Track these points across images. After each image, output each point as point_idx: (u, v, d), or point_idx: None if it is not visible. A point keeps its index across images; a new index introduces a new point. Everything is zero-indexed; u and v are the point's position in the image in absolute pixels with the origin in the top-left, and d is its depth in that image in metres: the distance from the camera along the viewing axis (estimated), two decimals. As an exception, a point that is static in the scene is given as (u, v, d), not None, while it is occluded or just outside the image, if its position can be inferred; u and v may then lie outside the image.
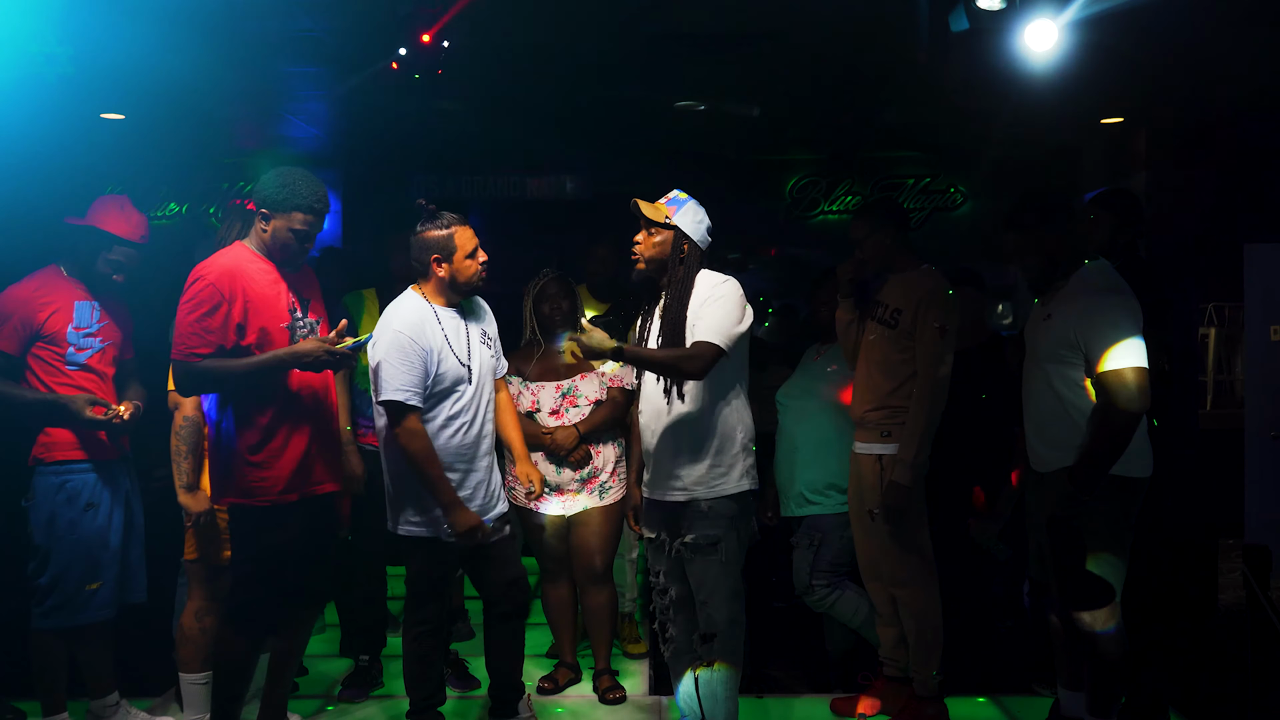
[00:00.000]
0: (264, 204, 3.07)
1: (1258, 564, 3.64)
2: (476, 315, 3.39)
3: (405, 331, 3.14)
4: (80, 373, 3.44)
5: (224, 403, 3.07)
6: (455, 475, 3.21)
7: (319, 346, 2.99)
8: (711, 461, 3.05)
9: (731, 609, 3.07)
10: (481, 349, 3.33)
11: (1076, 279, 3.13)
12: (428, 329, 3.19)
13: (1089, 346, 2.99)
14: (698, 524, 3.05)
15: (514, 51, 4.46)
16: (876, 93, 5.12)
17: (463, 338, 3.28)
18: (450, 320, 3.27)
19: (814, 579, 3.85)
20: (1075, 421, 3.06)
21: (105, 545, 3.45)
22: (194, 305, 2.96)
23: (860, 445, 3.62)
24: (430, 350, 3.16)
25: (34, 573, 3.40)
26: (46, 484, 3.40)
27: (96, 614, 3.44)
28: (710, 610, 3.07)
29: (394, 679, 4.18)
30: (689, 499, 3.07)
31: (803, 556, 3.88)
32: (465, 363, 3.25)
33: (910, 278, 3.57)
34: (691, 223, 3.12)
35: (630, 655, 4.44)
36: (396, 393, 3.10)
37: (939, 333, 3.43)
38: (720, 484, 3.05)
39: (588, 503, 3.94)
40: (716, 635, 3.06)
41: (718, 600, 3.06)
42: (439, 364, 3.18)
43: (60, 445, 3.40)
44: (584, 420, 3.88)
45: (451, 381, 3.21)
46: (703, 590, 3.08)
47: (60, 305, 3.42)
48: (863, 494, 3.60)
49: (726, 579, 3.06)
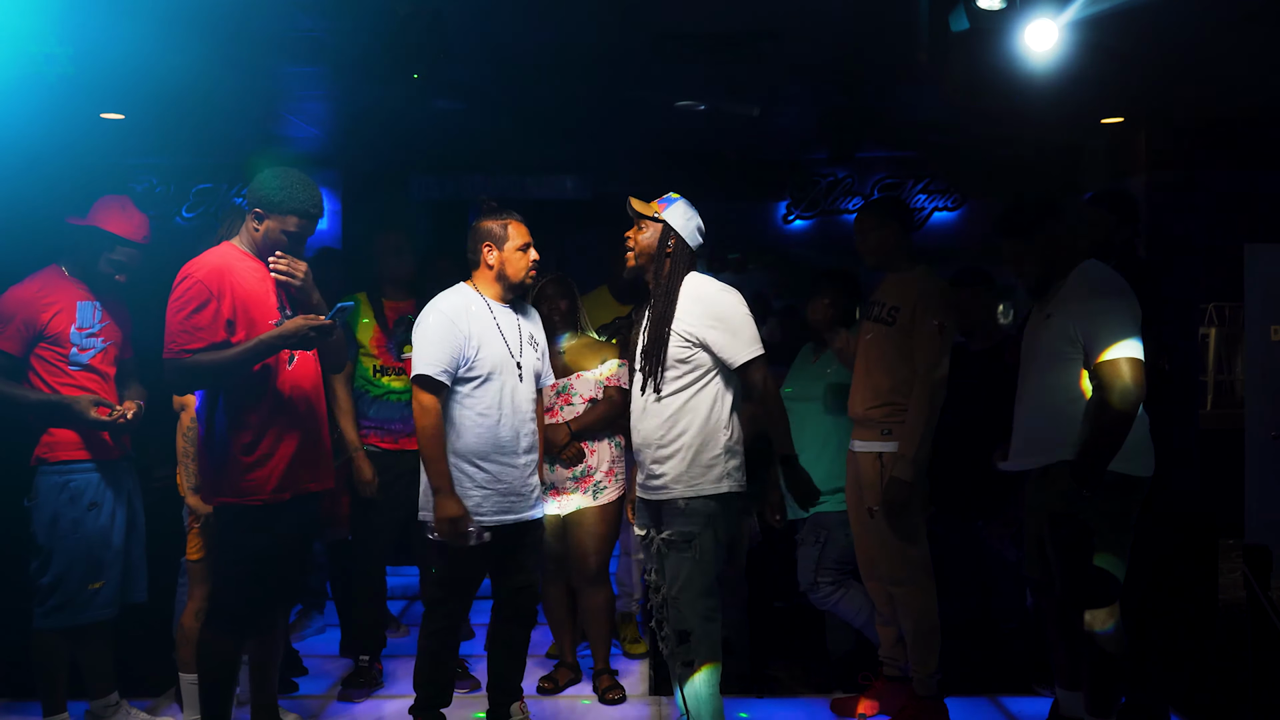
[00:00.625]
0: (259, 203, 3.06)
1: (1258, 564, 3.64)
2: (529, 317, 3.45)
3: (446, 312, 3.24)
4: (83, 373, 3.44)
5: (215, 402, 3.07)
6: (491, 467, 3.24)
7: (303, 323, 2.99)
8: (691, 459, 3.06)
9: (703, 606, 3.07)
10: (529, 350, 3.37)
11: (1075, 278, 3.15)
12: (472, 315, 3.25)
13: (1089, 341, 3.02)
14: (675, 520, 3.08)
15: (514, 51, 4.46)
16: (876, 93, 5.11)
17: (516, 333, 3.34)
18: (504, 314, 3.35)
19: (819, 576, 3.86)
20: (1074, 417, 3.08)
21: (108, 545, 3.45)
22: (183, 303, 2.96)
23: (859, 444, 3.62)
24: (469, 336, 3.21)
25: (36, 572, 3.41)
26: (49, 483, 3.40)
27: (98, 613, 3.44)
28: (681, 606, 3.07)
29: (394, 679, 4.18)
30: (668, 496, 3.09)
31: (808, 554, 3.89)
32: (515, 357, 3.30)
33: (907, 277, 3.60)
34: (680, 219, 3.16)
35: (630, 655, 4.44)
36: (425, 366, 3.18)
37: (938, 330, 3.46)
38: (699, 483, 3.06)
39: (581, 502, 3.93)
40: (691, 633, 3.06)
41: (688, 597, 3.06)
42: (478, 350, 3.22)
43: (63, 445, 3.41)
44: (576, 418, 3.88)
45: (492, 370, 3.24)
46: (674, 586, 3.09)
47: (63, 306, 3.42)
48: (862, 492, 3.61)
49: (699, 577, 3.07)
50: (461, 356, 3.20)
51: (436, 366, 3.17)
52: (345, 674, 4.15)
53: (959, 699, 3.78)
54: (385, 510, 4.01)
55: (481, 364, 3.23)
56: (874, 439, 3.56)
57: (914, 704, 3.61)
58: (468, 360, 3.21)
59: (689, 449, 3.07)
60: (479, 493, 3.25)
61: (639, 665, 4.34)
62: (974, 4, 3.34)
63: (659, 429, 3.10)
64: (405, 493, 3.80)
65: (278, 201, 3.05)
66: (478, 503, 3.25)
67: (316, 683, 4.17)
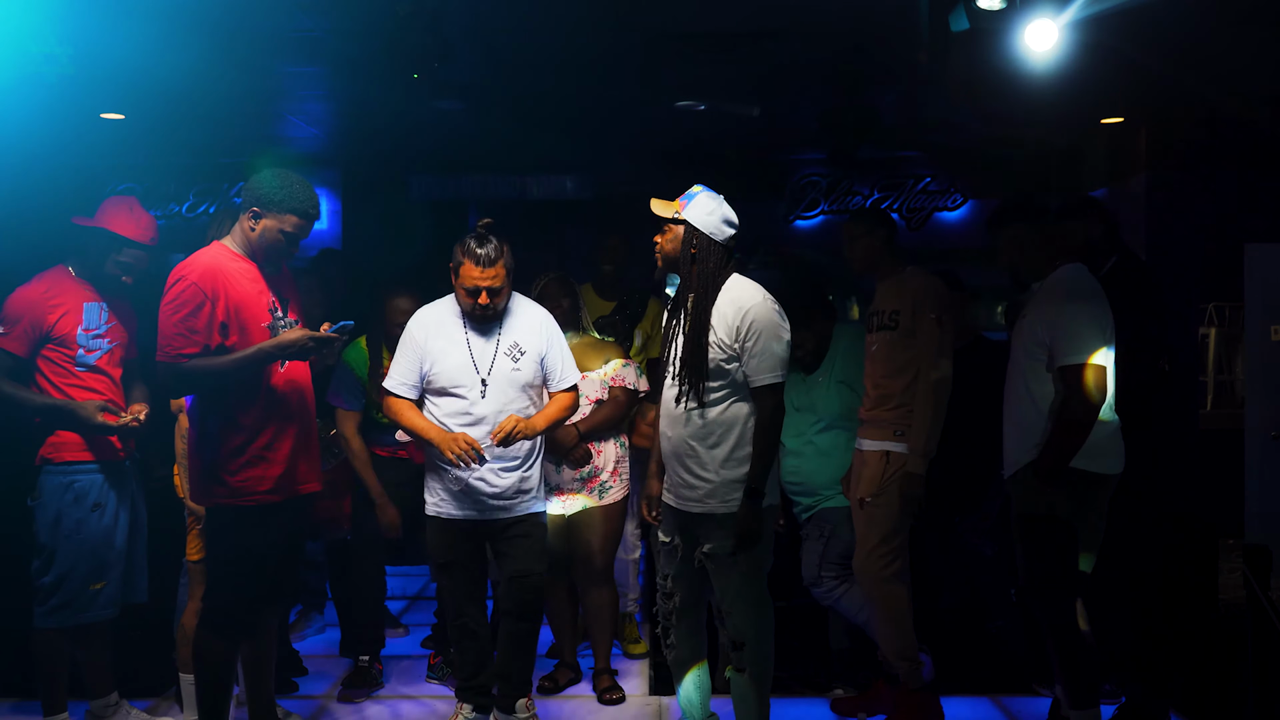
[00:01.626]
0: (257, 202, 3.04)
1: (1258, 564, 3.64)
2: (511, 326, 3.43)
3: (412, 328, 3.41)
4: (89, 374, 3.43)
5: (209, 404, 3.06)
6: (455, 471, 3.33)
7: (303, 335, 2.99)
8: (729, 475, 3.00)
9: (756, 616, 3.06)
10: (504, 360, 3.37)
11: (1051, 281, 3.23)
12: (440, 332, 3.37)
13: (1054, 344, 3.11)
14: (714, 534, 3.04)
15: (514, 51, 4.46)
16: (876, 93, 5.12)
17: (492, 346, 3.38)
18: (478, 327, 3.39)
19: (823, 571, 3.86)
20: (1044, 416, 3.15)
21: (111, 545, 3.44)
22: (177, 306, 2.94)
23: (868, 442, 3.62)
24: (426, 352, 3.35)
25: (38, 571, 3.40)
26: (54, 483, 3.39)
27: (99, 614, 3.44)
28: (735, 619, 3.06)
29: (394, 679, 4.18)
30: (705, 510, 3.04)
31: (812, 548, 3.89)
32: (481, 371, 3.34)
33: (899, 279, 3.65)
34: (701, 215, 3.03)
35: (630, 655, 4.44)
36: (387, 380, 3.41)
37: (936, 324, 3.50)
38: (736, 497, 2.99)
39: (587, 502, 3.93)
40: (746, 644, 3.06)
41: (741, 609, 3.05)
42: (432, 365, 3.35)
43: (68, 446, 3.40)
44: (584, 419, 3.88)
45: (448, 384, 3.35)
46: (725, 600, 3.07)
47: (70, 307, 3.41)
48: (858, 484, 3.62)
49: (749, 588, 3.05)
50: (420, 371, 3.37)
51: (395, 380, 3.39)
52: (345, 674, 4.15)
53: (959, 699, 3.78)
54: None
55: (438, 378, 3.35)
56: (885, 439, 3.56)
57: (904, 697, 3.61)
58: (424, 375, 3.37)
59: (728, 461, 3.00)
60: (445, 494, 3.39)
61: (639, 665, 4.34)
62: (974, 4, 3.34)
63: (696, 439, 3.02)
64: (405, 494, 3.84)
65: (277, 200, 3.03)
66: (443, 499, 3.40)
67: (316, 683, 4.17)
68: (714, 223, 3.03)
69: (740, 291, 3.03)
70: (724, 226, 3.04)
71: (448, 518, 3.41)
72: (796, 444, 3.89)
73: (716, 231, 3.03)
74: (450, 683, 3.97)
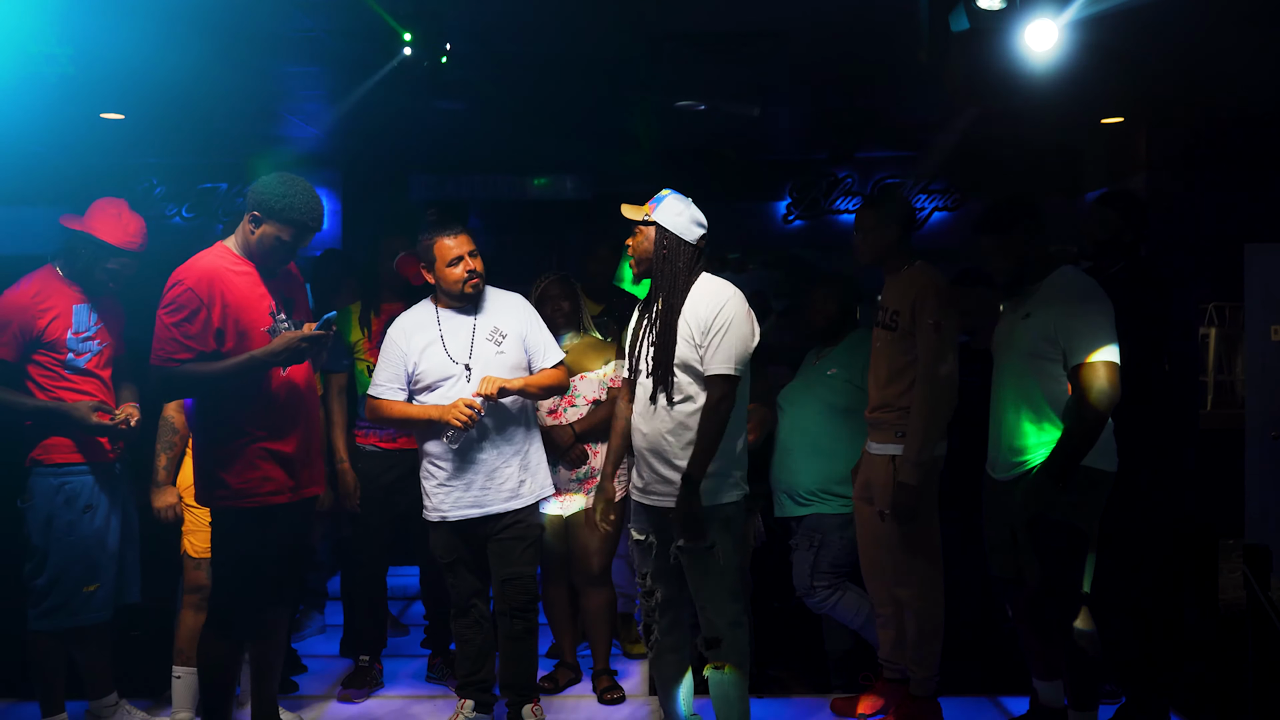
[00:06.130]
0: (259, 206, 3.02)
1: (1258, 564, 3.63)
2: (489, 312, 3.47)
3: (393, 333, 3.48)
4: (80, 377, 3.41)
5: (210, 405, 3.05)
6: (448, 465, 3.39)
7: (292, 338, 2.96)
8: None
9: (730, 611, 3.06)
10: (485, 345, 3.39)
11: (1056, 280, 3.23)
12: (418, 332, 3.43)
13: (1070, 345, 3.11)
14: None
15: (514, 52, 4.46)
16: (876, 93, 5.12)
17: (468, 335, 3.41)
18: (453, 320, 3.44)
19: (815, 580, 3.84)
20: (1056, 416, 3.16)
21: (103, 547, 3.44)
22: (173, 310, 2.92)
23: (875, 445, 3.61)
24: (407, 353, 3.41)
25: (31, 574, 3.39)
26: (45, 485, 3.38)
27: (94, 616, 3.43)
28: (710, 614, 3.06)
29: (394, 679, 4.18)
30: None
31: (803, 558, 3.87)
32: (459, 361, 3.40)
33: (904, 277, 3.57)
34: (670, 216, 3.07)
35: (630, 655, 4.44)
36: (371, 386, 3.47)
37: (934, 329, 3.42)
38: (711, 492, 3.01)
39: (584, 503, 3.93)
40: (720, 639, 3.05)
41: (716, 604, 3.05)
42: (416, 365, 3.40)
43: (59, 448, 3.38)
44: (581, 420, 3.87)
45: (434, 380, 3.40)
46: (700, 595, 3.07)
47: (60, 310, 3.38)
48: (874, 494, 3.60)
49: (723, 582, 3.05)
50: (405, 372, 3.42)
51: (380, 384, 3.45)
52: (345, 674, 4.15)
53: (959, 699, 3.78)
54: (384, 509, 4.00)
55: (424, 376, 3.41)
56: (888, 441, 3.54)
57: (908, 703, 3.61)
58: (409, 375, 3.42)
59: None
60: (441, 490, 3.42)
61: (639, 665, 4.34)
62: (974, 4, 3.34)
63: (668, 436, 3.04)
64: (404, 491, 3.82)
65: (278, 209, 3.00)
66: (441, 499, 3.42)
67: (316, 683, 4.17)
68: (683, 223, 3.08)
69: (713, 288, 3.07)
70: (693, 227, 3.09)
71: (449, 521, 3.44)
72: (790, 439, 3.88)
73: (685, 232, 3.08)
74: (450, 682, 3.97)
